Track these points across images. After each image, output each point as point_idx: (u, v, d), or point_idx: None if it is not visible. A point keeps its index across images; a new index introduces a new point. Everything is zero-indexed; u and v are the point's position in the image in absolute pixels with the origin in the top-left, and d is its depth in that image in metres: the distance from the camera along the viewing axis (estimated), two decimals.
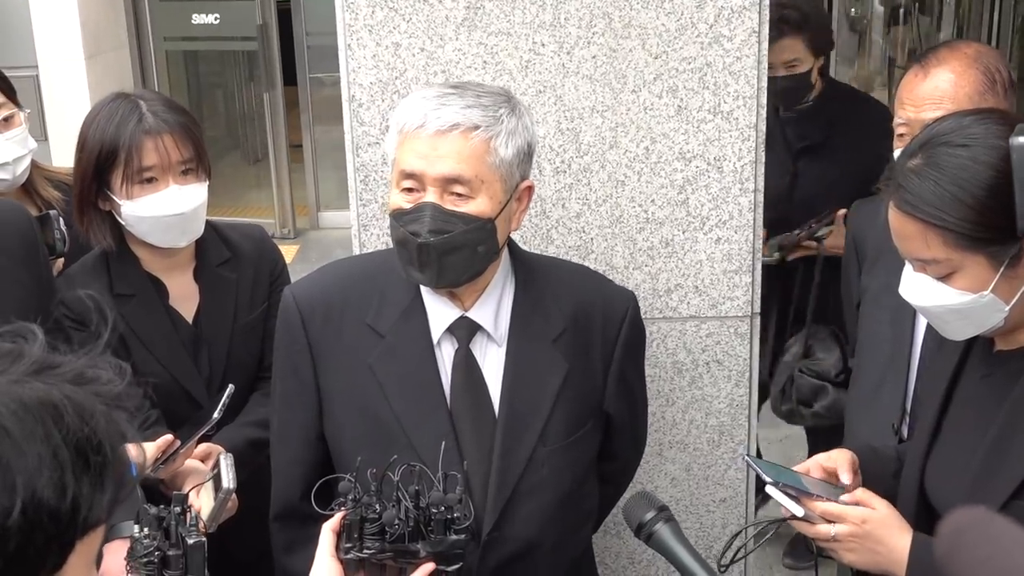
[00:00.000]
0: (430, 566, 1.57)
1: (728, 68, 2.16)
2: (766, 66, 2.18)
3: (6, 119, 2.63)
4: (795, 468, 1.80)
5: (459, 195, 1.73)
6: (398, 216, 1.76)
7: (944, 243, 1.55)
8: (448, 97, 1.73)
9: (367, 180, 2.23)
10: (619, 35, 2.15)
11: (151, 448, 2.05)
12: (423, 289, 1.84)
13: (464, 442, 1.81)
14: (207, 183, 2.32)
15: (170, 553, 1.57)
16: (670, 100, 2.18)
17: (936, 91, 2.14)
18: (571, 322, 1.88)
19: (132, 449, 0.98)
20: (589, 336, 1.89)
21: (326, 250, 7.21)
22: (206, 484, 2.00)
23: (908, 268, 1.65)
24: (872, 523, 1.65)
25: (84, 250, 2.39)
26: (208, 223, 2.37)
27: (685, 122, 2.19)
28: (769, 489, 1.69)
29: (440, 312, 1.84)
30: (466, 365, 1.83)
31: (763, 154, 2.23)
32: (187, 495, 1.74)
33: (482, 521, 1.80)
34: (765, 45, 2.17)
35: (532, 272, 1.90)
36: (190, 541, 1.57)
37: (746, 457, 1.80)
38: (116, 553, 1.80)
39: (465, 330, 1.84)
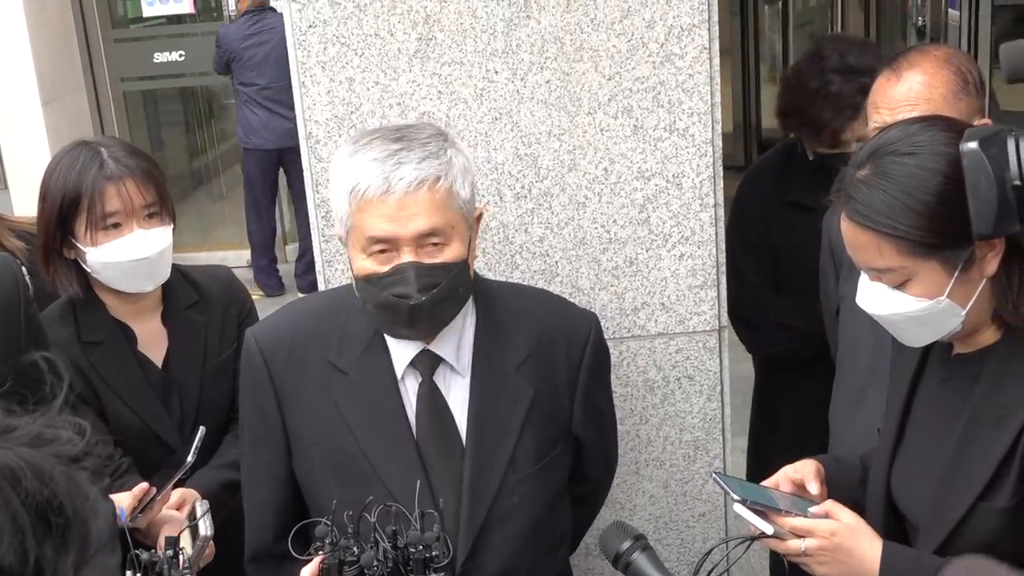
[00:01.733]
0: None
1: (681, 86, 2.18)
2: (718, 82, 2.20)
3: None
4: (764, 483, 1.80)
5: (434, 245, 1.72)
6: (373, 280, 1.73)
7: (897, 251, 1.56)
8: (400, 154, 1.71)
9: (328, 216, 2.22)
10: (571, 59, 2.16)
11: (127, 498, 2.03)
12: None
13: (433, 474, 1.80)
14: (172, 226, 2.31)
15: None
16: (626, 120, 2.20)
17: (911, 93, 2.15)
18: (535, 347, 1.88)
19: (113, 499, 0.97)
20: (553, 360, 1.89)
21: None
22: (183, 532, 1.98)
23: (864, 278, 1.66)
24: (840, 535, 1.65)
25: (50, 299, 2.37)
26: (174, 267, 2.36)
27: (642, 141, 2.21)
28: (737, 508, 1.69)
29: (402, 347, 1.83)
30: (430, 398, 1.83)
31: (720, 168, 2.24)
32: (178, 538, 1.73)
33: (455, 552, 1.79)
34: (716, 61, 2.19)
35: (492, 301, 1.90)
36: None
37: (714, 475, 1.80)
38: None
39: (428, 364, 1.83)
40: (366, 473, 1.78)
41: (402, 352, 1.83)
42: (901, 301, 1.59)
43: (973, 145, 1.49)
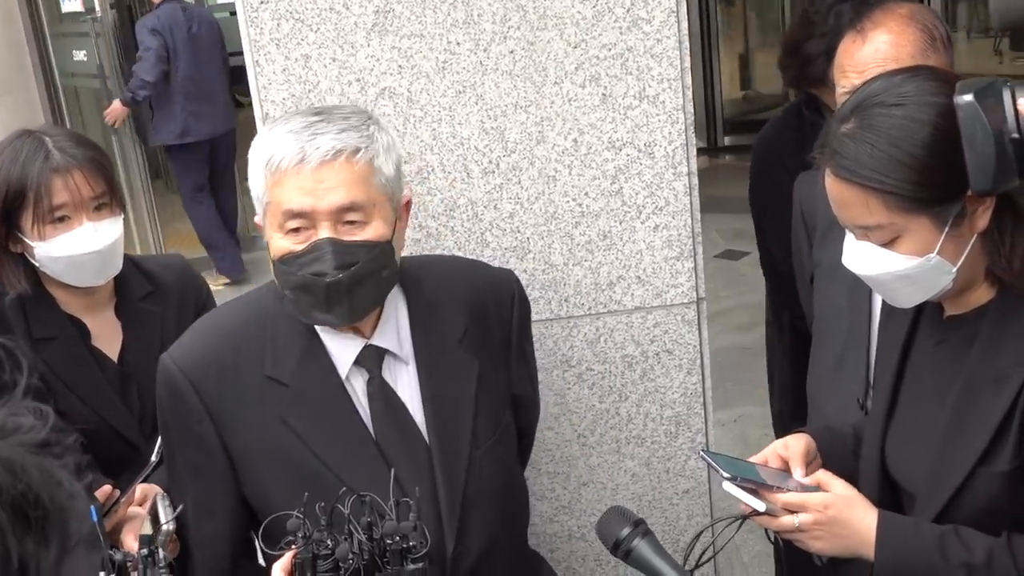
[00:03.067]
0: None
1: (650, 51, 2.11)
2: (687, 46, 2.14)
3: None
4: (752, 459, 1.75)
5: (353, 223, 1.64)
6: (289, 260, 1.65)
7: (886, 207, 1.50)
8: (317, 125, 1.64)
9: None
10: (535, 27, 2.09)
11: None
12: (318, 326, 1.75)
13: (400, 469, 1.72)
14: (122, 217, 2.22)
15: None
16: (594, 89, 2.13)
17: (877, 54, 2.09)
18: (469, 318, 1.83)
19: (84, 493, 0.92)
20: (487, 327, 1.85)
21: None
22: (144, 527, 1.91)
23: (849, 237, 1.60)
24: (834, 507, 1.60)
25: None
26: (127, 257, 2.27)
27: (611, 110, 2.14)
28: (726, 486, 1.64)
29: (342, 346, 1.75)
30: (382, 394, 1.76)
31: (692, 136, 2.18)
32: (153, 535, 1.66)
33: (443, 541, 1.73)
34: (685, 25, 2.12)
35: (419, 281, 1.83)
36: None
37: (702, 452, 1.75)
38: None
39: (374, 359, 1.76)
40: (328, 483, 1.68)
41: (343, 352, 1.75)
42: (890, 260, 1.54)
43: (968, 97, 1.44)
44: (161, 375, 1.77)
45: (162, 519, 1.85)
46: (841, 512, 1.60)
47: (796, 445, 1.74)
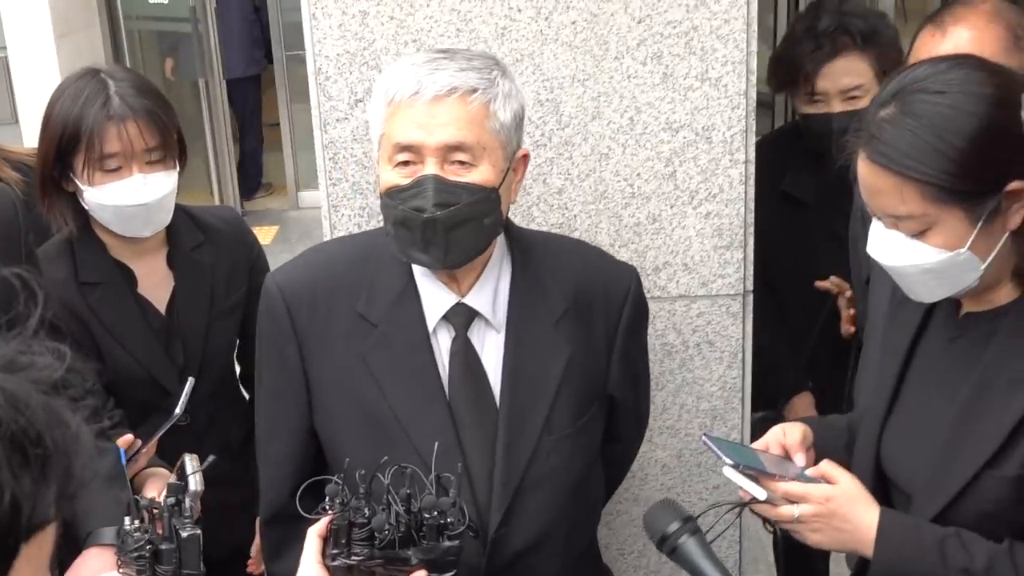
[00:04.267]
0: (422, 574, 1.46)
1: (716, 32, 2.04)
2: (755, 29, 2.06)
3: None
4: (753, 445, 1.72)
5: (461, 163, 1.63)
6: (394, 194, 1.64)
7: (921, 197, 1.44)
8: (439, 61, 1.63)
9: (336, 158, 2.11)
10: None
11: None
12: (417, 272, 1.73)
13: (465, 436, 1.71)
14: (176, 171, 2.18)
15: (163, 547, 1.50)
16: (655, 67, 2.06)
17: (957, 51, 1.99)
18: (572, 302, 1.78)
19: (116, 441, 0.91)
20: (591, 316, 1.79)
21: (305, 231, 7.10)
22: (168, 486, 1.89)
23: (877, 225, 1.54)
24: (836, 500, 1.56)
25: (45, 236, 2.27)
26: (179, 206, 2.25)
27: (671, 90, 2.07)
28: (727, 472, 1.60)
29: (436, 298, 1.73)
30: (464, 355, 1.73)
31: (753, 123, 2.11)
32: (184, 485, 1.65)
33: (488, 518, 1.71)
34: (755, 6, 2.05)
35: (529, 250, 1.79)
36: (184, 534, 1.51)
37: (704, 437, 1.69)
38: (94, 559, 1.71)
39: (463, 317, 1.73)
40: (393, 432, 1.69)
41: (435, 304, 1.73)
42: (919, 251, 1.48)
43: None
44: (264, 292, 1.81)
45: (191, 482, 1.83)
46: (843, 506, 1.56)
47: (793, 432, 1.70)
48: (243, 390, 2.45)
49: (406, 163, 1.64)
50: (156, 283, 2.26)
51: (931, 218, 1.46)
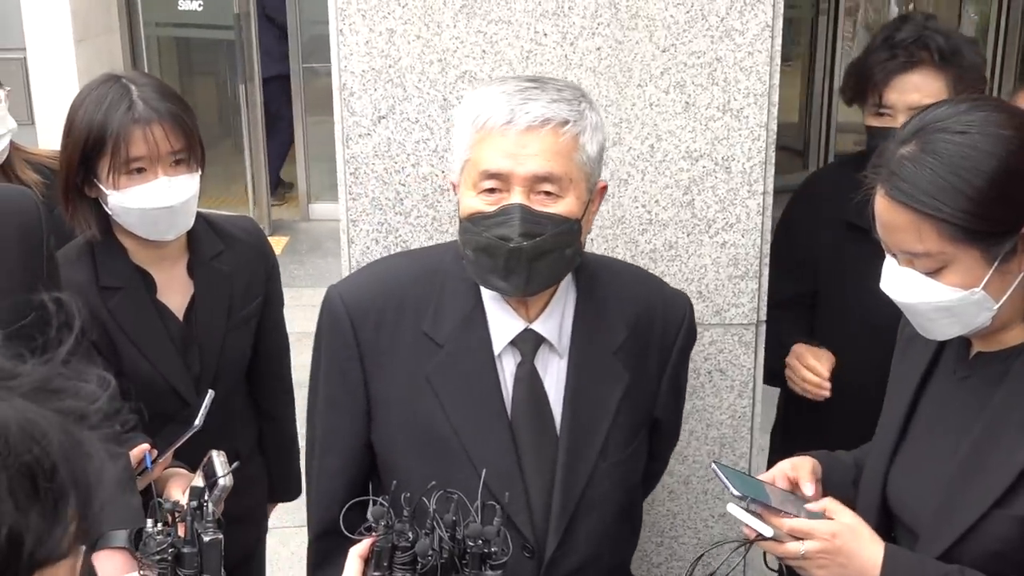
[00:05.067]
0: None
1: (739, 64, 2.06)
2: (779, 63, 2.08)
3: None
4: (760, 476, 1.73)
5: (547, 194, 1.63)
6: (477, 220, 1.65)
7: (938, 235, 1.45)
8: (531, 91, 1.64)
9: (357, 173, 2.12)
10: (625, 26, 2.04)
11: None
12: (485, 295, 1.74)
13: (525, 459, 1.72)
14: (199, 174, 2.20)
15: (184, 550, 1.50)
16: (677, 96, 2.08)
17: None
18: (631, 330, 1.79)
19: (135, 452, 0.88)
20: (647, 343, 1.81)
21: (316, 242, 7.12)
22: (195, 482, 1.89)
23: (890, 262, 1.55)
24: (841, 537, 1.56)
25: (67, 238, 2.28)
26: (199, 215, 2.26)
27: (693, 119, 2.09)
28: (732, 509, 1.61)
29: (503, 323, 1.74)
30: (529, 380, 1.74)
31: (773, 154, 2.12)
32: (204, 489, 1.65)
33: (544, 541, 1.72)
34: (779, 40, 2.07)
35: (593, 277, 1.80)
36: (206, 538, 1.50)
37: (713, 465, 1.70)
38: (106, 561, 1.71)
39: (530, 343, 1.74)
40: (455, 452, 1.70)
41: (503, 328, 1.74)
42: (933, 289, 1.49)
43: None
44: (326, 304, 1.79)
45: (220, 477, 1.84)
46: (848, 542, 1.56)
47: (804, 465, 1.72)
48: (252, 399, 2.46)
49: (492, 190, 1.64)
50: (175, 290, 2.27)
51: (947, 256, 1.47)
